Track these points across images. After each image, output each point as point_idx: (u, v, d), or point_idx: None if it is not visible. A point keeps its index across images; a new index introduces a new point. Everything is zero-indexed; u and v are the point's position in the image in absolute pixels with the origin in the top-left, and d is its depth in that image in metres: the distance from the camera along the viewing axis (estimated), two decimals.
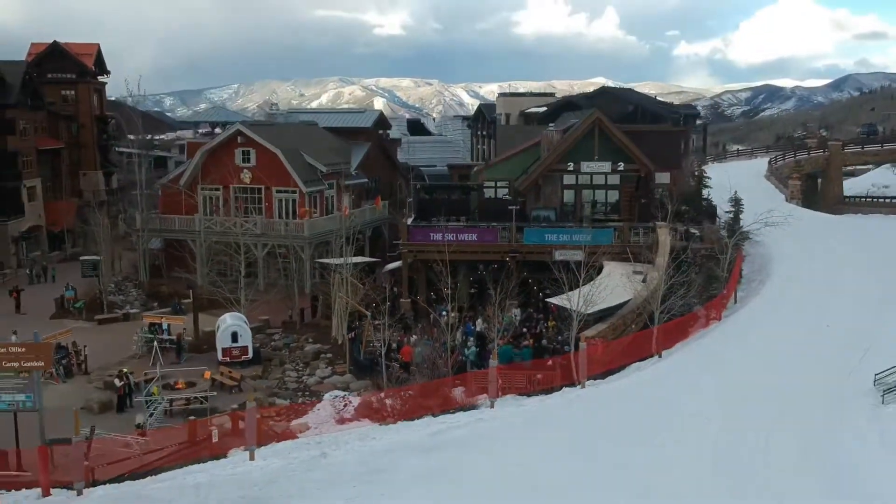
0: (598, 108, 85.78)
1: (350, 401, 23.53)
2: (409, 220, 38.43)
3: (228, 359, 31.15)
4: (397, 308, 34.73)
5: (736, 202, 43.00)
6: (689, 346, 27.35)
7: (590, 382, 23.81)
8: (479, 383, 23.73)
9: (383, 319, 28.26)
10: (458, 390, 24.16)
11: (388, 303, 31.62)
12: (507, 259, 35.87)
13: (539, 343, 28.68)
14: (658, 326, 26.37)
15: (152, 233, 46.89)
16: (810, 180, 72.55)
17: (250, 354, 31.90)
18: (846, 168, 77.15)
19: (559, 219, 37.49)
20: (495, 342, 25.08)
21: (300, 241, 43.29)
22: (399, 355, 29.00)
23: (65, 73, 65.10)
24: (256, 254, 42.36)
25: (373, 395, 24.66)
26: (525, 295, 35.91)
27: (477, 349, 28.29)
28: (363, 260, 39.77)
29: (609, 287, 27.24)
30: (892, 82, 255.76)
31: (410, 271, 37.80)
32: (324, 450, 18.92)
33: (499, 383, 23.16)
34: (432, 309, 32.22)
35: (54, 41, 65.73)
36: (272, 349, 34.46)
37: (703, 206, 45.93)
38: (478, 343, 28.85)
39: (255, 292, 38.79)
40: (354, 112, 66.23)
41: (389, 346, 28.75)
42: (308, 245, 43.15)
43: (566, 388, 23.70)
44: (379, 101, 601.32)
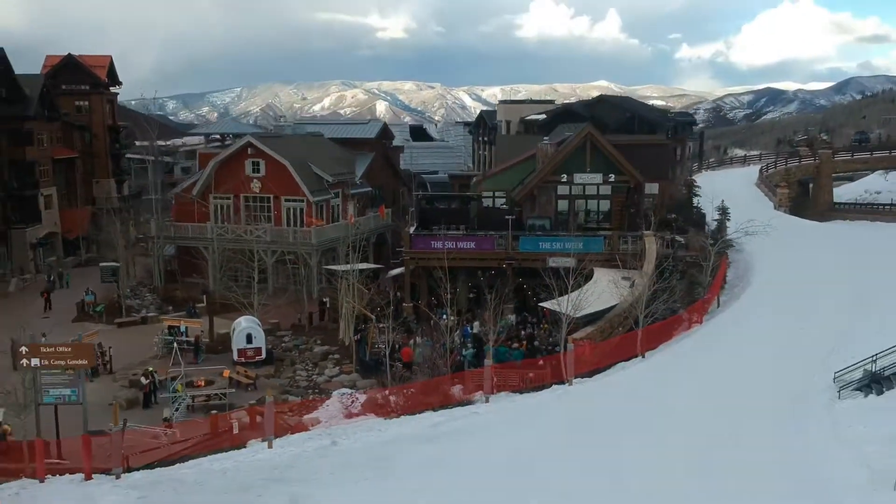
0: (596, 115, 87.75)
1: (357, 397, 24.85)
2: (411, 229, 39.73)
3: (244, 359, 32.67)
4: (400, 312, 36.07)
5: (722, 211, 44.95)
6: (671, 347, 29.18)
7: (577, 380, 25.60)
8: (475, 381, 25.18)
9: (387, 323, 29.70)
10: (457, 388, 25.59)
11: (392, 307, 32.99)
12: (503, 266, 37.40)
13: (531, 344, 30.59)
14: (642, 329, 28.39)
15: (167, 240, 48.51)
16: (802, 187, 74.52)
17: (263, 355, 33.38)
18: (845, 172, 79.15)
19: (554, 227, 38.63)
20: (490, 344, 27.12)
21: (308, 248, 44.79)
22: (398, 355, 30.65)
23: (79, 85, 66.77)
24: (266, 260, 43.91)
25: (378, 392, 25.93)
26: (520, 300, 37.94)
27: (474, 350, 30.19)
28: (368, 266, 41.19)
29: (596, 293, 29.25)
30: (894, 85, 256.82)
31: (412, 277, 39.02)
32: (334, 440, 20.95)
33: (493, 381, 25.22)
34: (433, 313, 33.38)
35: (69, 54, 67.58)
36: (283, 350, 35.78)
37: (693, 214, 47.84)
38: (475, 345, 30.53)
39: (266, 297, 40.30)
40: (359, 123, 68.05)
41: (393, 348, 29.96)
42: (315, 252, 44.65)
43: (556, 385, 25.35)
44: (381, 105, 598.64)
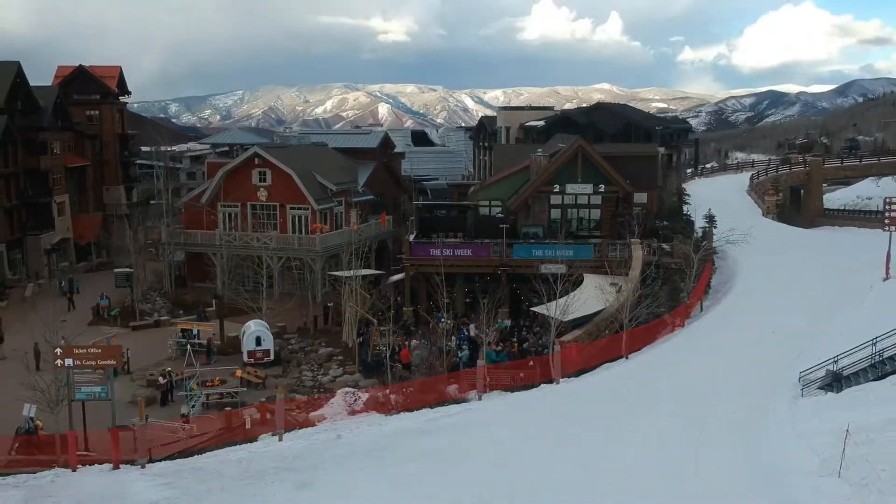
0: (593, 122, 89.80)
1: (359, 395, 26.49)
2: (411, 237, 41.70)
3: (253, 360, 34.39)
4: (400, 316, 37.89)
5: (710, 219, 46.80)
6: (653, 349, 31.11)
7: (564, 380, 27.58)
8: (469, 381, 26.97)
9: (388, 326, 31.39)
10: (452, 387, 27.70)
11: (392, 311, 34.82)
12: (498, 272, 39.32)
13: (522, 346, 32.56)
14: (626, 332, 30.36)
15: (177, 246, 50.35)
16: (795, 193, 76.47)
17: (272, 356, 35.11)
18: (835, 179, 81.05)
19: (547, 235, 40.40)
20: (483, 346, 29.07)
21: (312, 254, 46.70)
22: (398, 357, 32.48)
23: (90, 95, 68.98)
24: (273, 266, 45.93)
25: (379, 390, 27.35)
26: (515, 304, 39.88)
27: (469, 352, 32.14)
28: (370, 272, 42.88)
29: (582, 298, 31.23)
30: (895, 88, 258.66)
31: (412, 283, 40.86)
32: (339, 433, 23.00)
33: (486, 381, 27.22)
34: (432, 317, 35.07)
35: (80, 65, 69.74)
36: (290, 352, 37.35)
37: (683, 222, 49.70)
38: (470, 347, 32.39)
39: (273, 301, 42.13)
40: (362, 134, 70.12)
41: (393, 350, 31.64)
42: (319, 258, 46.51)
43: (544, 384, 27.35)
44: (383, 108, 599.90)
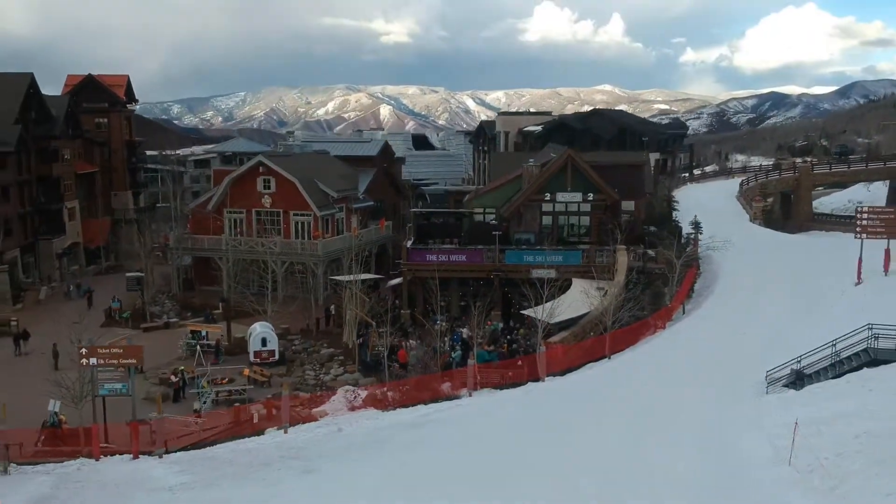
0: (590, 128, 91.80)
1: (359, 393, 28.43)
2: (409, 243, 43.74)
3: (259, 360, 36.19)
4: (398, 318, 39.80)
5: (696, 225, 48.71)
6: (635, 349, 33.08)
7: (549, 378, 29.69)
8: (461, 379, 29.01)
9: (386, 328, 33.31)
10: (446, 385, 29.76)
11: (390, 314, 36.52)
12: (491, 277, 41.35)
13: (511, 347, 34.58)
14: (609, 334, 32.36)
15: (185, 251, 52.27)
16: (786, 198, 78.40)
17: (276, 356, 36.92)
18: (824, 185, 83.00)
19: (538, 241, 42.24)
20: (474, 347, 31.08)
21: (315, 259, 48.44)
22: (396, 357, 34.43)
23: (99, 103, 70.96)
24: (277, 270, 47.91)
25: (377, 388, 29.08)
26: (507, 307, 41.88)
27: (461, 352, 34.13)
28: (369, 277, 44.69)
29: (567, 301, 33.24)
30: None
31: (409, 287, 42.87)
32: (340, 427, 25.12)
33: (477, 379, 29.24)
34: (428, 319, 36.99)
35: (89, 74, 71.93)
36: (294, 352, 39.04)
37: (672, 228, 51.51)
38: (463, 348, 34.30)
39: (277, 304, 44.04)
40: (362, 142, 72.08)
41: (391, 350, 33.47)
42: (321, 262, 48.28)
43: (531, 382, 29.45)
44: (385, 109, 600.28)
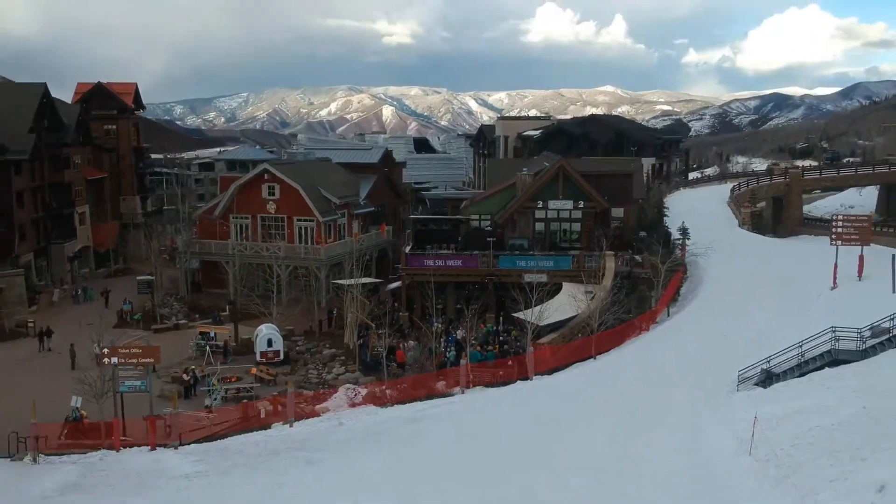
0: (587, 133, 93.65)
1: (359, 390, 30.18)
2: (408, 249, 45.76)
3: (265, 359, 38.00)
4: (397, 320, 41.74)
5: (683, 231, 50.55)
6: (620, 350, 34.88)
7: (538, 377, 31.61)
8: (455, 378, 30.85)
9: (385, 330, 35.06)
10: (441, 383, 31.80)
11: (389, 316, 38.41)
12: (486, 281, 43.32)
13: (502, 348, 36.54)
14: (595, 335, 34.29)
15: (192, 255, 54.33)
16: (778, 203, 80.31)
17: (281, 356, 38.74)
18: (814, 190, 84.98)
19: (531, 247, 44.33)
20: (467, 347, 33.03)
21: (317, 263, 50.37)
22: (394, 357, 36.43)
23: (108, 111, 72.89)
24: (281, 274, 49.74)
25: (376, 386, 30.80)
26: (501, 310, 43.79)
27: (456, 353, 36.08)
28: (369, 280, 46.68)
29: (555, 304, 35.20)
30: None
31: (408, 290, 44.84)
32: (341, 421, 27.09)
33: (470, 377, 31.19)
34: (425, 322, 38.61)
35: (98, 82, 73.98)
36: (297, 352, 40.88)
37: (662, 233, 53.28)
38: (457, 348, 36.29)
39: (282, 307, 45.83)
40: (364, 149, 74.11)
41: (390, 350, 35.26)
42: (324, 266, 50.23)
43: (520, 381, 31.33)
44: (387, 110, 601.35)
